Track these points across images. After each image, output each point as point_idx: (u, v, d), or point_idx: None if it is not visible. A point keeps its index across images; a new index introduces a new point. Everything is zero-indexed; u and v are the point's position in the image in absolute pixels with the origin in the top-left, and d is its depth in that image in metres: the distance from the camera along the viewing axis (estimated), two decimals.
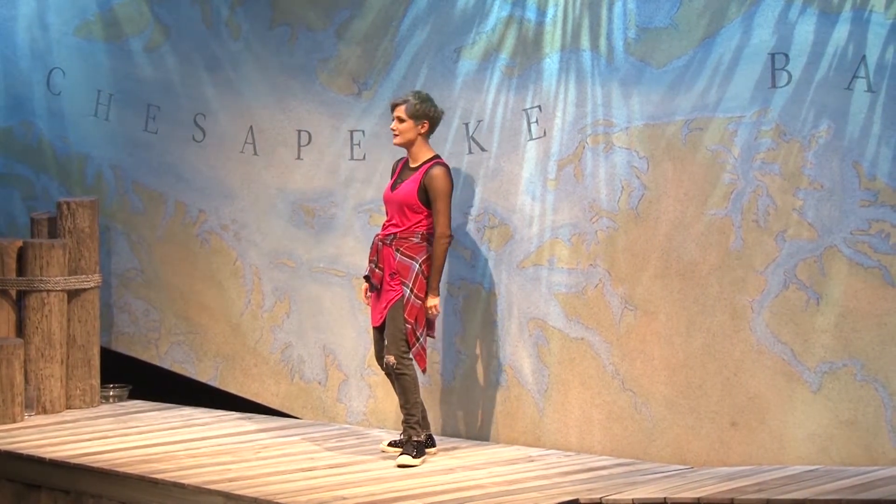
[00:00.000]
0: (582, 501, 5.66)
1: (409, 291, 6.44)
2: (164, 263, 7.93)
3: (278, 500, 5.74)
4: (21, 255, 7.58)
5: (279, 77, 7.50)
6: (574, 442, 6.63)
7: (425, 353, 6.53)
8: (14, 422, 7.30)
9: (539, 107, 6.78)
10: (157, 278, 7.95)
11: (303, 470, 6.27)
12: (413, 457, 6.40)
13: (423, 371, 6.62)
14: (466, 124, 6.99)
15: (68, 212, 7.70)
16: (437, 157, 6.57)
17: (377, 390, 7.27)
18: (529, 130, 6.82)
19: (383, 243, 6.53)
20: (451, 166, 6.64)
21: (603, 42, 6.59)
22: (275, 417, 7.46)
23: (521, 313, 6.83)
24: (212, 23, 7.72)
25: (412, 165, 6.57)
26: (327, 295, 7.42)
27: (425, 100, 6.53)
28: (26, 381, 7.46)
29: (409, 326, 6.44)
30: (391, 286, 6.47)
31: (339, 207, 7.40)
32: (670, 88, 6.41)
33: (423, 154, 6.54)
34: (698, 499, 5.48)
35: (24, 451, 6.70)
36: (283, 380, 7.56)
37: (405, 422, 6.47)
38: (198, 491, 6.00)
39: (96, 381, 7.76)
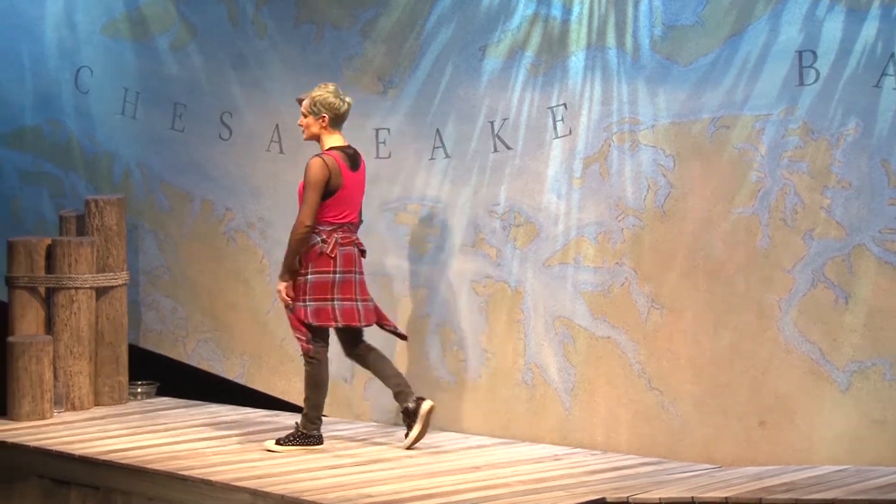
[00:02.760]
0: (608, 500, 5.65)
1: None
2: (190, 261, 7.96)
3: (305, 498, 5.75)
4: (50, 253, 7.62)
5: (305, 75, 7.51)
6: (600, 441, 6.62)
7: (300, 339, 6.54)
8: (43, 418, 7.35)
9: (564, 105, 6.77)
10: (184, 276, 7.98)
11: (329, 467, 6.29)
12: (278, 442, 6.53)
13: (306, 355, 6.56)
14: (492, 122, 6.99)
15: (96, 210, 7.74)
16: (332, 148, 6.56)
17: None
18: (555, 128, 6.81)
19: None
20: (477, 164, 6.65)
21: (629, 40, 6.57)
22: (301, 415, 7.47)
23: (546, 312, 6.82)
24: (238, 21, 7.74)
25: None
26: None
27: (325, 93, 6.55)
28: (55, 377, 7.50)
29: (293, 318, 6.52)
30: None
31: (365, 206, 7.39)
32: (697, 86, 6.39)
33: (325, 147, 6.59)
34: (726, 498, 5.47)
35: (54, 448, 6.75)
36: None
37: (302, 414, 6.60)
38: (225, 488, 6.02)
39: (124, 378, 7.79)
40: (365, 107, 7.34)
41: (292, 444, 6.57)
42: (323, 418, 6.75)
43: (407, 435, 6.61)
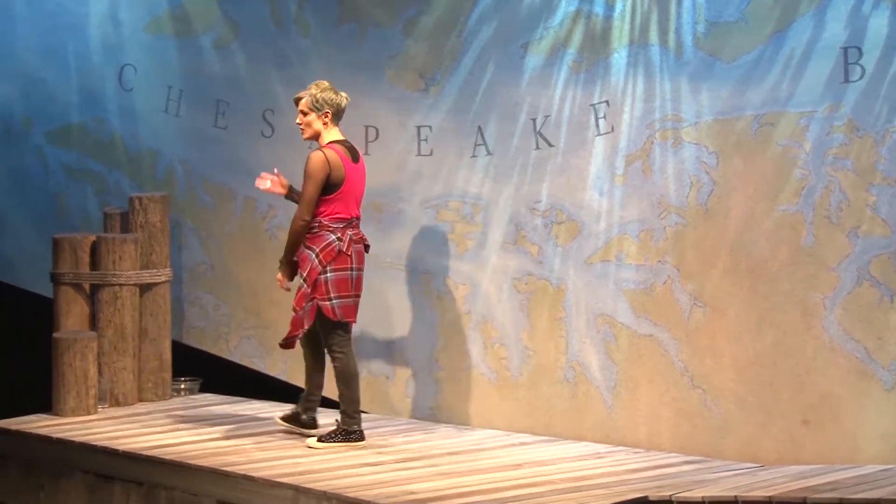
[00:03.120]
0: (651, 499, 5.63)
1: (302, 281, 6.52)
2: (233, 258, 7.99)
3: (347, 494, 5.77)
4: (94, 250, 7.67)
5: (347, 74, 7.53)
6: (643, 439, 6.60)
7: (295, 330, 6.53)
8: (88, 414, 7.39)
9: (607, 102, 6.75)
10: (227, 273, 8.01)
11: (371, 464, 6.30)
12: (321, 440, 6.58)
13: (282, 342, 6.58)
14: (534, 120, 6.98)
15: (140, 207, 7.78)
16: (333, 142, 6.57)
17: (444, 385, 7.28)
18: (597, 126, 6.79)
19: None
20: (519, 161, 6.64)
21: (672, 37, 6.55)
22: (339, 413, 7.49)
23: (588, 309, 6.81)
24: (280, 20, 7.77)
25: None
26: (394, 290, 7.45)
27: (325, 89, 6.58)
28: (100, 373, 7.55)
29: (299, 314, 6.51)
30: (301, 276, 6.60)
31: (407, 203, 7.42)
32: (740, 83, 6.36)
33: (322, 143, 6.59)
34: (770, 497, 5.44)
35: (98, 443, 6.79)
36: None
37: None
38: (268, 484, 6.05)
39: (168, 375, 7.83)
40: (407, 105, 7.35)
41: (334, 442, 6.59)
42: (362, 414, 6.77)
43: (285, 418, 6.81)
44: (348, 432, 6.61)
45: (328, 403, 7.58)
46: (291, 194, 6.81)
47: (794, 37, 6.22)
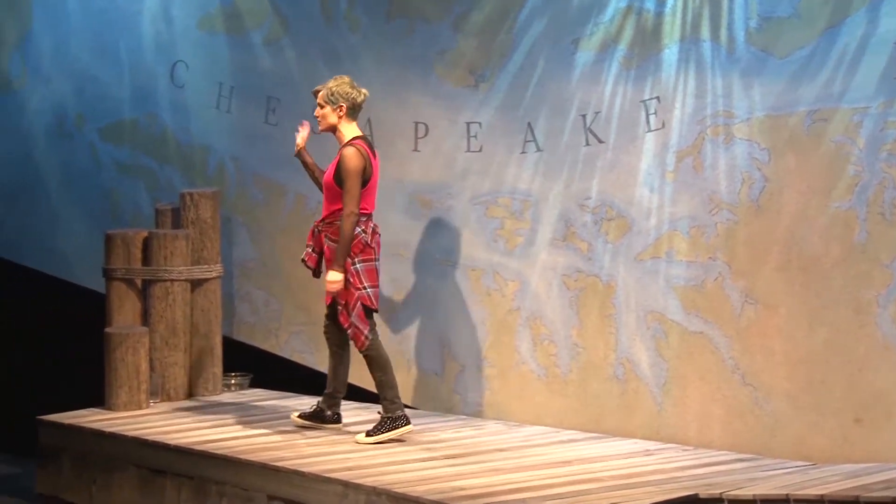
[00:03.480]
0: (702, 496, 5.60)
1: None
2: (284, 254, 8.02)
3: (396, 490, 5.78)
4: (146, 246, 7.72)
5: (396, 70, 7.54)
6: (693, 436, 6.57)
7: (361, 331, 6.59)
8: (140, 409, 7.44)
9: (658, 98, 6.72)
10: (278, 269, 8.05)
11: (420, 460, 6.31)
12: (369, 434, 6.58)
13: (361, 349, 6.63)
14: (584, 116, 6.96)
15: (191, 203, 7.82)
16: (356, 137, 6.63)
17: (494, 382, 7.28)
18: (648, 122, 6.77)
19: (318, 230, 6.72)
20: (569, 158, 6.63)
21: (724, 32, 6.51)
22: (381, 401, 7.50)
23: (638, 306, 6.78)
24: (331, 16, 7.79)
25: (339, 149, 6.67)
26: (443, 286, 7.45)
27: (341, 84, 6.64)
28: (151, 368, 7.60)
29: (340, 307, 6.57)
30: (325, 273, 6.64)
31: (456, 199, 7.42)
32: (793, 79, 6.32)
33: (345, 138, 6.64)
34: (822, 496, 5.39)
35: (150, 438, 6.84)
36: (400, 370, 7.59)
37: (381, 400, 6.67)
38: (317, 479, 6.07)
39: (218, 370, 7.87)
40: (456, 101, 7.36)
41: (382, 433, 6.61)
42: (412, 409, 6.78)
43: (304, 416, 6.83)
44: (394, 419, 6.63)
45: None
46: (303, 156, 6.86)
47: (848, 32, 6.16)
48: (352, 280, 6.59)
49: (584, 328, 6.97)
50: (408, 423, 6.65)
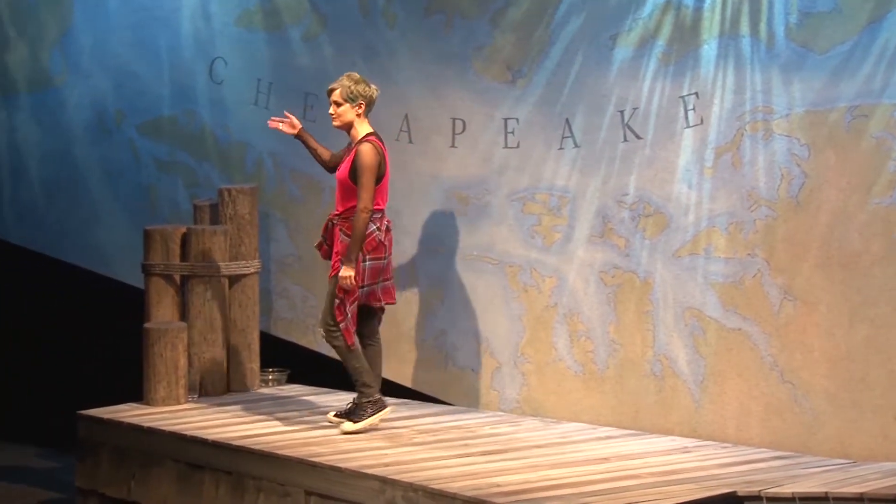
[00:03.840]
0: (740, 494, 5.58)
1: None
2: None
3: (433, 486, 5.78)
4: (185, 241, 7.75)
5: (434, 65, 7.54)
6: (731, 434, 6.54)
7: (352, 329, 6.68)
8: (178, 404, 7.47)
9: (696, 94, 6.69)
10: (315, 265, 8.05)
11: (457, 456, 6.31)
12: (355, 422, 6.67)
13: (350, 347, 6.70)
14: (621, 112, 6.94)
15: (229, 199, 7.85)
16: (370, 133, 6.70)
17: (531, 378, 7.27)
18: (686, 118, 6.74)
19: (332, 223, 6.80)
20: (607, 154, 6.60)
21: (763, 28, 6.47)
22: (429, 403, 7.52)
23: (676, 303, 6.76)
24: (368, 12, 7.80)
25: (352, 146, 6.73)
26: (480, 282, 7.45)
27: (358, 81, 6.71)
28: (189, 364, 7.63)
29: (338, 300, 6.65)
30: (334, 263, 6.73)
31: (493, 195, 7.42)
32: (833, 74, 6.27)
33: (359, 134, 6.71)
34: (862, 494, 5.36)
35: (188, 433, 6.87)
36: (437, 366, 7.61)
37: (355, 389, 6.74)
38: (355, 475, 6.08)
39: (256, 365, 7.90)
40: (494, 96, 7.35)
41: (367, 418, 6.71)
42: (449, 405, 6.78)
43: (337, 414, 6.83)
44: (374, 402, 6.74)
45: (419, 396, 7.60)
46: (305, 137, 6.94)
47: (889, 27, 6.11)
48: (357, 277, 6.65)
49: (622, 325, 6.95)
50: (386, 405, 6.79)
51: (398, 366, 7.77)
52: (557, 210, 7.18)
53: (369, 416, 6.72)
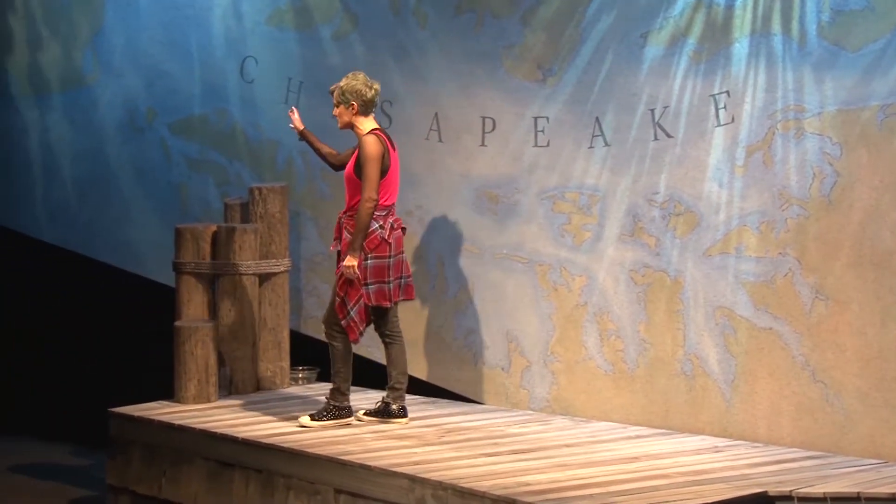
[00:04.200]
0: (771, 494, 5.55)
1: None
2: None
3: (462, 485, 5.78)
4: (215, 240, 7.77)
5: (464, 64, 7.54)
6: (762, 433, 6.52)
7: (357, 326, 6.74)
8: (208, 402, 7.49)
9: (727, 92, 6.67)
10: None
11: (486, 455, 6.30)
12: (314, 418, 6.76)
13: (353, 342, 6.80)
14: (652, 110, 6.92)
15: (260, 197, 7.87)
16: (374, 129, 6.78)
17: (560, 377, 7.26)
18: (717, 116, 6.71)
19: (340, 221, 6.84)
20: (637, 153, 6.58)
21: (795, 26, 6.44)
22: (458, 402, 7.52)
23: (707, 302, 6.73)
24: (399, 11, 7.80)
25: (356, 144, 6.82)
26: (510, 281, 7.44)
27: (351, 82, 6.77)
28: (220, 362, 7.66)
29: (339, 299, 6.69)
30: (340, 261, 6.77)
31: (523, 194, 7.41)
32: (865, 73, 6.24)
33: (363, 131, 6.79)
34: (894, 494, 5.32)
35: (218, 431, 6.89)
36: (467, 365, 7.61)
37: (330, 390, 6.89)
38: (384, 473, 6.08)
39: (286, 364, 7.91)
40: (524, 95, 7.34)
41: (326, 419, 6.80)
42: (479, 404, 6.78)
43: (370, 413, 6.89)
44: (339, 408, 6.86)
45: (448, 395, 7.60)
46: (308, 136, 7.04)
47: None
48: (360, 275, 6.69)
49: (652, 323, 6.93)
50: (350, 415, 6.87)
51: (428, 364, 7.77)
52: (587, 209, 7.17)
53: (330, 419, 6.82)
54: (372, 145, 6.69)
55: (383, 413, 6.91)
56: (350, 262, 6.68)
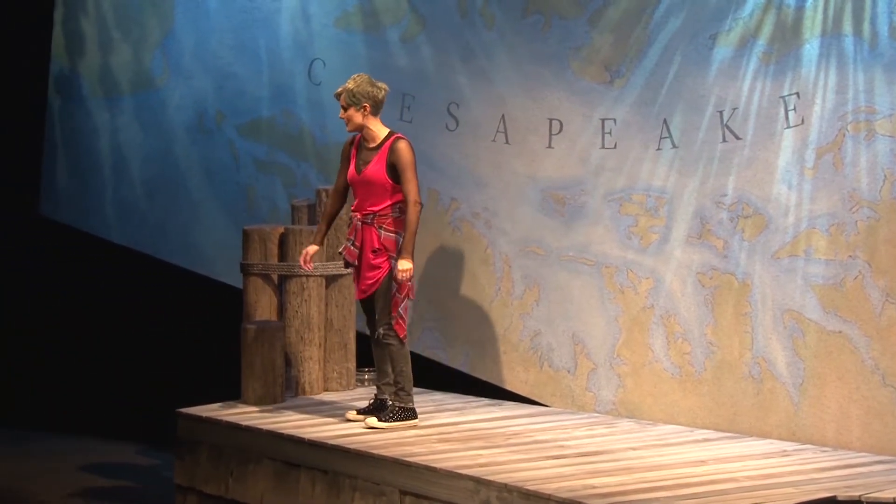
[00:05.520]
0: (840, 499, 5.49)
1: (395, 263, 6.78)
2: (416, 250, 8.04)
3: (528, 487, 5.77)
4: (282, 241, 7.81)
5: (531, 66, 7.53)
6: (831, 437, 6.45)
7: (404, 322, 6.84)
8: (275, 402, 7.54)
9: (797, 94, 6.61)
10: None
11: (552, 458, 6.29)
12: (381, 420, 6.82)
13: (403, 339, 6.86)
14: (721, 112, 6.87)
15: (327, 199, 7.89)
16: (393, 133, 6.82)
17: (627, 380, 7.23)
18: (787, 118, 6.66)
19: (363, 223, 6.83)
20: (705, 154, 6.54)
21: (866, 27, 6.37)
22: (524, 405, 7.51)
23: (775, 305, 6.68)
24: (466, 12, 7.81)
25: (371, 146, 6.83)
26: (576, 283, 7.42)
27: (361, 83, 6.78)
28: (287, 363, 7.70)
29: (389, 299, 6.81)
30: (376, 263, 6.79)
31: (590, 196, 7.39)
32: None
33: (379, 133, 6.83)
34: None
35: (285, 432, 6.92)
36: (532, 367, 7.60)
37: (394, 391, 6.91)
38: (449, 475, 6.09)
39: (352, 365, 7.94)
40: (591, 97, 7.32)
41: (395, 420, 6.84)
42: (545, 406, 6.76)
43: (363, 412, 6.95)
44: (407, 410, 6.88)
45: (514, 397, 7.58)
46: (322, 240, 7.15)
47: None
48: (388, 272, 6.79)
49: (719, 326, 6.88)
50: (416, 416, 6.90)
51: (493, 366, 7.77)
52: (654, 211, 7.13)
53: (398, 420, 6.85)
54: (409, 151, 6.78)
55: (378, 410, 6.97)
56: (406, 265, 6.74)
